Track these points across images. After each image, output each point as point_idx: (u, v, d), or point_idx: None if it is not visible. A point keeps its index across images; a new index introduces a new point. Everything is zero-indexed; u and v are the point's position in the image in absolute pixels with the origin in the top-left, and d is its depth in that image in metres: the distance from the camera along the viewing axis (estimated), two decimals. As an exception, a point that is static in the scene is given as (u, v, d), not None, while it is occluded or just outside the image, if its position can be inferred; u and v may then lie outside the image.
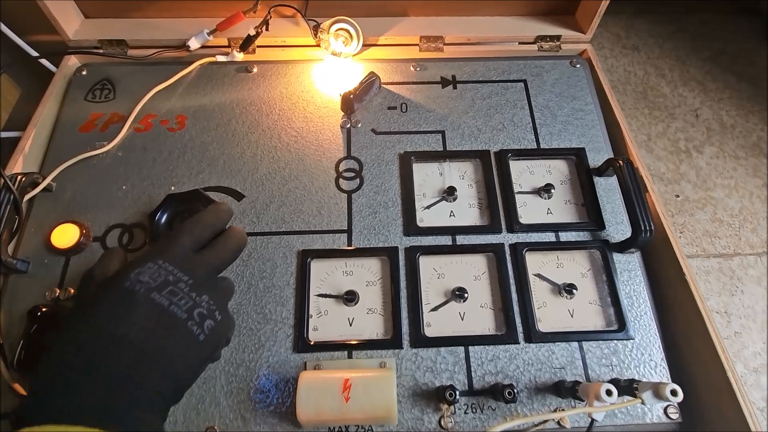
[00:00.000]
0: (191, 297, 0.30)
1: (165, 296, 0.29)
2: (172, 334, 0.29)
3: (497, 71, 0.57)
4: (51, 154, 0.50)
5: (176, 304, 0.29)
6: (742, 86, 1.05)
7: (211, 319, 0.31)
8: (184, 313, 0.29)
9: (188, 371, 0.30)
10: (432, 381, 0.40)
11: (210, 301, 0.31)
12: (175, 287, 0.30)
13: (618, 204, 0.48)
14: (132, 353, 0.27)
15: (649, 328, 0.42)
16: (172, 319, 0.29)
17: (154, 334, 0.28)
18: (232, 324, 0.34)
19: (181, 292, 0.30)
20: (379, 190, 0.49)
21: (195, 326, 0.30)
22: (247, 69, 0.56)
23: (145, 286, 0.29)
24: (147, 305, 0.29)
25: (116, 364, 0.27)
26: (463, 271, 0.45)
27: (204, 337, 0.30)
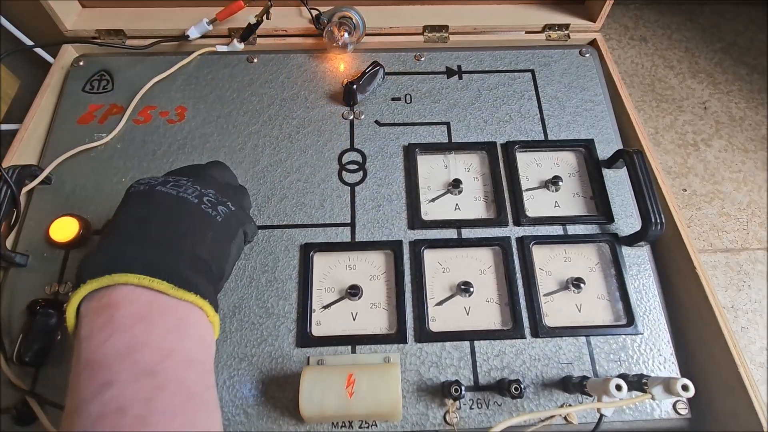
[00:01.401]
0: (196, 188, 0.32)
1: (171, 188, 0.31)
2: (189, 213, 0.31)
3: (504, 61, 0.55)
4: (49, 147, 0.49)
5: (185, 192, 0.31)
6: (753, 78, 1.03)
7: (223, 206, 0.33)
8: (194, 198, 0.31)
9: (218, 245, 0.31)
10: (437, 376, 0.39)
11: (217, 195, 0.33)
12: (176, 183, 0.32)
13: (627, 197, 0.47)
14: (161, 225, 0.30)
15: (658, 323, 0.42)
16: (184, 202, 0.31)
17: (173, 213, 0.30)
18: (249, 220, 0.35)
19: (185, 184, 0.32)
20: (383, 182, 0.48)
21: (209, 209, 0.31)
22: (248, 59, 0.55)
23: (148, 185, 0.32)
24: (157, 196, 0.31)
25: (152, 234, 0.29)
26: (469, 265, 0.44)
27: (221, 218, 0.32)
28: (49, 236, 0.43)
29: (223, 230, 0.32)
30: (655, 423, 0.39)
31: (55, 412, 0.37)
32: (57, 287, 0.42)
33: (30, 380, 0.38)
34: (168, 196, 0.31)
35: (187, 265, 0.29)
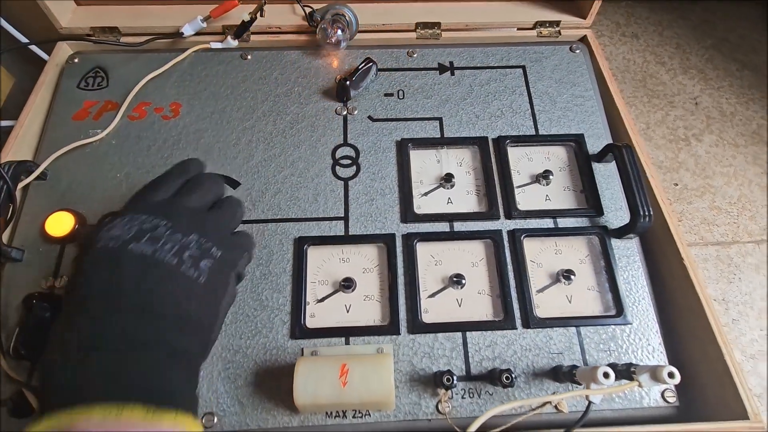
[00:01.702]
0: (176, 239, 0.27)
1: (145, 244, 0.26)
2: (166, 282, 0.26)
3: (496, 57, 0.56)
4: (45, 143, 0.49)
5: (160, 249, 0.27)
6: (744, 74, 1.04)
7: (208, 259, 0.28)
8: (172, 257, 0.27)
9: (202, 320, 0.27)
10: (429, 367, 0.40)
11: (201, 240, 0.28)
12: (153, 234, 0.27)
13: (617, 190, 0.48)
14: (130, 315, 0.25)
15: (647, 314, 0.42)
16: (160, 267, 0.26)
17: (144, 288, 0.25)
18: (240, 255, 0.32)
19: (163, 236, 0.27)
20: (376, 177, 0.48)
21: (191, 268, 0.27)
22: (242, 56, 0.55)
23: (119, 240, 0.27)
24: (127, 259, 0.26)
25: (118, 333, 0.24)
26: (461, 257, 0.45)
27: (205, 279, 0.27)
28: (45, 231, 0.43)
29: (208, 292, 0.28)
30: (645, 411, 0.39)
31: (51, 405, 0.37)
32: (53, 282, 0.42)
33: (26, 374, 0.39)
34: (141, 260, 0.26)
35: (163, 359, 0.25)
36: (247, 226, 0.45)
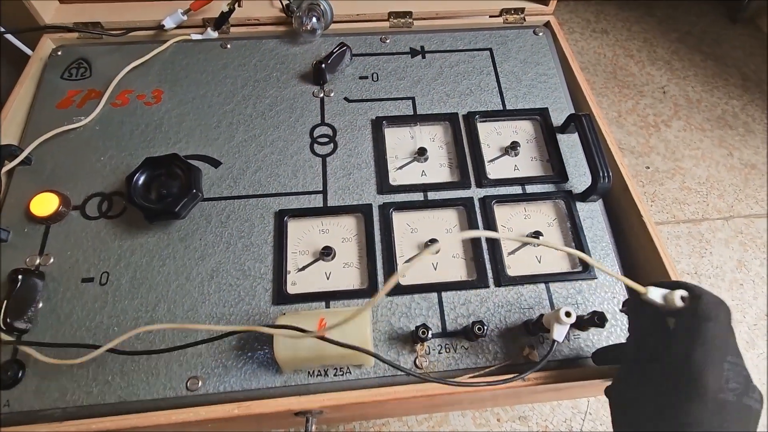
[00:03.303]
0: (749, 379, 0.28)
1: (752, 398, 0.28)
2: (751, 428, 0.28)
3: (464, 41, 0.59)
4: (29, 130, 0.51)
5: (757, 400, 0.28)
6: (707, 64, 1.10)
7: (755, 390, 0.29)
8: (754, 402, 0.28)
9: None
10: (407, 325, 0.42)
11: None
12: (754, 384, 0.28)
13: (580, 158, 0.50)
14: None
15: (612, 268, 0.45)
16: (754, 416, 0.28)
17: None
18: None
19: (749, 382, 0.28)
20: (353, 153, 0.50)
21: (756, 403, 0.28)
22: (222, 45, 0.57)
23: (736, 393, 0.27)
24: (741, 413, 0.27)
25: None
26: (435, 224, 0.47)
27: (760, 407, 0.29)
28: (30, 211, 0.44)
29: None
30: (612, 359, 0.41)
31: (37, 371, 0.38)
32: (37, 259, 0.43)
33: (11, 347, 0.40)
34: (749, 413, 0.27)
35: None
36: (229, 202, 0.47)
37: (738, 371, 0.28)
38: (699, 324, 0.29)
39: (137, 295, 0.42)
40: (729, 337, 0.29)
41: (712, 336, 0.28)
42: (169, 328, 0.40)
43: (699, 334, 0.29)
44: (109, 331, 0.41)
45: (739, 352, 0.29)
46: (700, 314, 0.29)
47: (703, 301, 0.30)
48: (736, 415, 0.27)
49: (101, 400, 0.38)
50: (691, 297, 0.30)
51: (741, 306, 0.76)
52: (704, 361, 0.28)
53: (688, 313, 0.30)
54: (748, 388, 0.28)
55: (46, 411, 0.38)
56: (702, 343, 0.28)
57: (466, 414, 0.65)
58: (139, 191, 0.43)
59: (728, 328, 0.30)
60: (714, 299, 0.30)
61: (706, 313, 0.29)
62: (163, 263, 0.44)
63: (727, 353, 0.28)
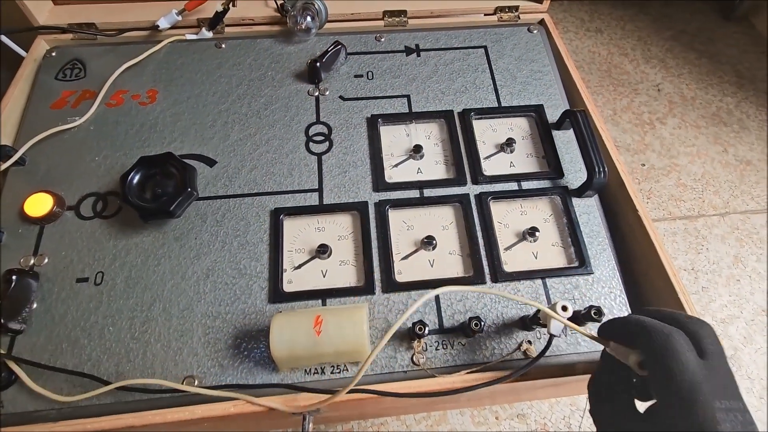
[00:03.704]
0: (748, 423, 0.26)
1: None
2: None
3: (459, 39, 0.59)
4: (23, 131, 0.50)
5: None
6: (701, 62, 1.10)
7: None
8: None
9: None
10: (404, 322, 0.41)
11: None
12: (747, 427, 0.26)
13: (575, 155, 0.50)
14: None
15: (608, 263, 0.45)
16: None
17: None
18: None
19: (754, 426, 0.26)
20: (348, 151, 0.50)
21: None
22: (217, 45, 0.57)
23: None
24: None
25: None
26: (432, 221, 0.47)
27: None
28: (24, 212, 0.44)
29: None
30: (609, 353, 0.41)
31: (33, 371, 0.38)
32: (31, 260, 0.43)
33: (6, 346, 0.39)
34: None
35: None
36: (224, 201, 0.47)
37: (733, 417, 0.25)
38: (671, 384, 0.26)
39: (132, 295, 0.42)
40: (711, 373, 0.26)
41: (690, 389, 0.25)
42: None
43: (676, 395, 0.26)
44: (104, 331, 0.40)
45: (730, 383, 0.27)
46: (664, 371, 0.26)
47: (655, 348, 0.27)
48: None
49: (96, 401, 0.38)
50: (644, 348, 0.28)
51: (738, 302, 0.76)
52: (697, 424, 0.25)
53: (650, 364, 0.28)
54: None
55: (41, 412, 0.37)
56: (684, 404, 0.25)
57: (464, 412, 0.65)
58: (133, 190, 0.43)
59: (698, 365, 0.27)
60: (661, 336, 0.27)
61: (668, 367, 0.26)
62: (158, 263, 0.43)
63: (715, 399, 0.25)
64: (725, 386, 0.26)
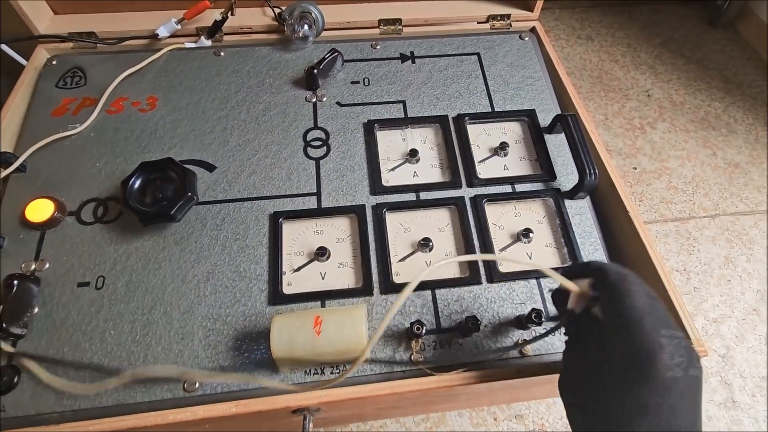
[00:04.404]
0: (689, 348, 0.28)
1: (697, 367, 0.27)
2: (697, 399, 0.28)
3: (452, 46, 0.61)
4: (24, 138, 0.51)
5: (695, 366, 0.27)
6: (690, 68, 1.13)
7: None
8: (697, 370, 0.28)
9: None
10: (402, 323, 0.42)
11: None
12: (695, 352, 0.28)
13: (567, 158, 0.52)
14: None
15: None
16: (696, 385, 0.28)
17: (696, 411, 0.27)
18: None
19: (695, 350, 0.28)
20: (346, 155, 0.51)
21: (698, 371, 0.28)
22: (215, 53, 0.58)
23: (682, 367, 0.27)
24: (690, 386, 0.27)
25: None
26: (428, 224, 0.48)
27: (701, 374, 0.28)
28: (25, 217, 0.45)
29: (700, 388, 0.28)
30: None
31: (33, 378, 0.38)
32: (32, 265, 0.43)
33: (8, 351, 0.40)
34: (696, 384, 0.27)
35: None
36: (224, 205, 0.48)
37: (677, 343, 0.27)
38: (620, 308, 0.28)
39: (133, 299, 0.42)
40: (654, 310, 0.28)
41: (638, 318, 0.28)
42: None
43: (624, 320, 0.28)
44: (106, 334, 0.41)
45: (670, 321, 0.29)
46: (614, 298, 0.29)
47: (609, 281, 0.29)
48: (686, 389, 0.27)
49: (98, 403, 0.38)
50: (598, 281, 0.30)
51: (730, 301, 0.77)
52: (643, 345, 0.27)
53: (604, 300, 0.30)
54: (691, 357, 0.27)
55: (42, 415, 0.37)
56: (632, 327, 0.28)
57: (462, 414, 0.65)
58: (134, 195, 0.44)
59: (648, 298, 0.29)
60: (618, 274, 0.30)
61: (619, 293, 0.29)
62: (158, 266, 0.44)
63: (660, 327, 0.28)
64: (667, 320, 0.29)
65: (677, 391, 0.26)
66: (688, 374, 0.27)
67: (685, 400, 0.27)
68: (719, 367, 0.71)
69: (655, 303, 0.29)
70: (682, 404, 0.26)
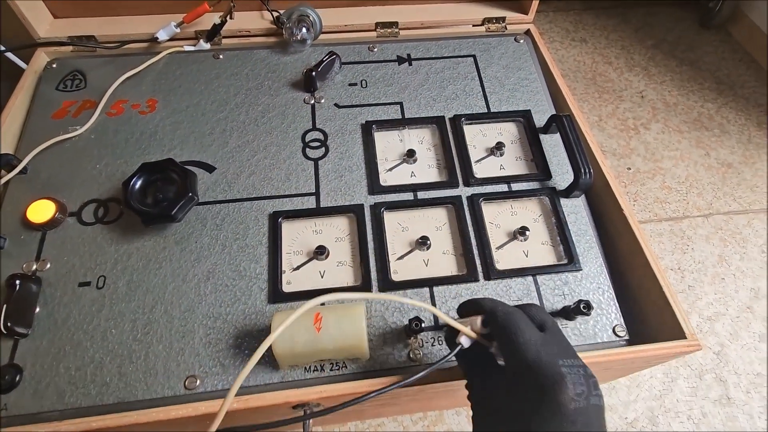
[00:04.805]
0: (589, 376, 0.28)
1: (595, 396, 0.27)
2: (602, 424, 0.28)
3: (448, 49, 0.62)
4: (24, 141, 0.51)
5: (596, 396, 0.27)
6: (683, 69, 1.14)
7: None
8: (599, 399, 0.28)
9: None
10: (400, 320, 0.43)
11: None
12: (588, 382, 0.28)
13: (562, 157, 0.53)
14: None
15: (596, 259, 0.47)
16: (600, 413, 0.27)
17: None
18: None
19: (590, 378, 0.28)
20: (344, 156, 0.52)
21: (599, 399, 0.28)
22: (214, 56, 0.59)
23: (584, 398, 0.27)
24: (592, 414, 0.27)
25: None
26: (426, 223, 0.49)
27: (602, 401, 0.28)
28: (27, 218, 0.45)
29: None
30: (598, 346, 0.43)
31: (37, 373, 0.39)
32: (33, 265, 0.44)
33: (9, 351, 0.40)
34: (598, 411, 0.27)
35: None
36: (224, 205, 0.48)
37: (576, 372, 0.27)
38: (514, 348, 0.29)
39: (134, 298, 0.43)
40: (549, 341, 0.29)
41: (534, 353, 0.28)
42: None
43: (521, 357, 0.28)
44: (107, 333, 0.41)
45: (569, 348, 0.29)
46: (507, 338, 0.29)
47: (499, 321, 0.30)
48: (592, 418, 0.27)
49: (99, 401, 0.38)
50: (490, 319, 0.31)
51: (724, 299, 0.78)
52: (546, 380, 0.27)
53: (498, 341, 0.31)
54: (590, 386, 0.27)
55: (44, 413, 0.38)
56: (530, 364, 0.28)
57: (460, 412, 0.66)
58: (135, 196, 0.44)
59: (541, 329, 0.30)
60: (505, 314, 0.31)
61: (510, 331, 0.29)
62: (159, 266, 0.44)
63: (558, 358, 0.28)
64: (565, 349, 0.29)
65: (582, 422, 0.26)
66: (590, 403, 0.27)
67: (592, 429, 0.26)
68: (714, 365, 0.72)
69: (552, 333, 0.30)
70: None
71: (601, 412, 0.28)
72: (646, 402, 0.69)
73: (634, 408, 0.68)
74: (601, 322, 0.44)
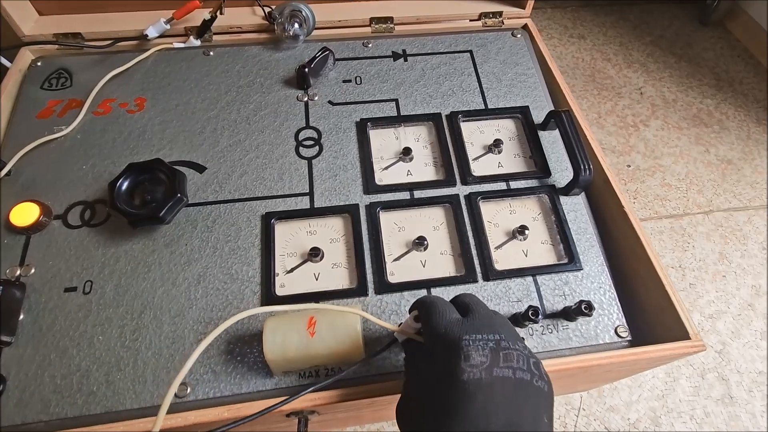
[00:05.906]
0: (520, 351, 0.28)
1: (505, 367, 0.27)
2: (530, 400, 0.27)
3: (445, 44, 0.60)
4: (8, 142, 0.50)
5: (519, 367, 0.27)
6: (681, 65, 1.13)
7: (539, 363, 0.28)
8: (528, 373, 0.27)
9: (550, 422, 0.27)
10: (397, 323, 0.42)
11: (524, 345, 0.29)
12: (505, 352, 0.28)
13: (561, 154, 0.51)
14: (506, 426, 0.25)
15: (597, 258, 0.45)
16: (523, 386, 0.27)
17: (515, 411, 0.26)
18: None
19: (515, 352, 0.28)
20: (338, 154, 0.51)
21: (539, 380, 0.27)
22: (205, 53, 0.57)
23: (484, 368, 0.27)
24: (499, 387, 0.26)
25: None
26: (422, 222, 0.47)
27: (547, 386, 0.28)
28: (9, 222, 0.44)
29: (550, 401, 0.28)
30: (601, 347, 0.42)
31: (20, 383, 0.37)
32: (17, 270, 0.42)
33: (-8, 360, 0.39)
34: (508, 384, 0.26)
35: None
36: (215, 206, 0.47)
37: (479, 345, 0.28)
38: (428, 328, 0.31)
39: (122, 303, 0.41)
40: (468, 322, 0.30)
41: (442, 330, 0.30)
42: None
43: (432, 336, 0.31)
44: (94, 340, 0.40)
45: (488, 327, 0.30)
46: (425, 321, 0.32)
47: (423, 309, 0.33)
48: (500, 392, 0.26)
49: (86, 411, 0.37)
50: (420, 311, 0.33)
51: (725, 297, 0.77)
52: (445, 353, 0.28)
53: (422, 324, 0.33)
54: (496, 358, 0.27)
55: (28, 425, 0.36)
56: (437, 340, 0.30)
57: (460, 415, 0.64)
58: (122, 197, 0.43)
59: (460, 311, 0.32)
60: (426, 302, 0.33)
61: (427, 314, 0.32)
62: (148, 270, 0.43)
63: (464, 334, 0.29)
64: (479, 328, 0.30)
65: (484, 396, 0.26)
66: (493, 375, 0.26)
67: (500, 402, 0.26)
68: (716, 363, 0.71)
69: (477, 317, 0.31)
70: (495, 407, 0.26)
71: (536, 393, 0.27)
72: (648, 402, 0.68)
73: (636, 408, 0.67)
74: (602, 322, 0.42)
